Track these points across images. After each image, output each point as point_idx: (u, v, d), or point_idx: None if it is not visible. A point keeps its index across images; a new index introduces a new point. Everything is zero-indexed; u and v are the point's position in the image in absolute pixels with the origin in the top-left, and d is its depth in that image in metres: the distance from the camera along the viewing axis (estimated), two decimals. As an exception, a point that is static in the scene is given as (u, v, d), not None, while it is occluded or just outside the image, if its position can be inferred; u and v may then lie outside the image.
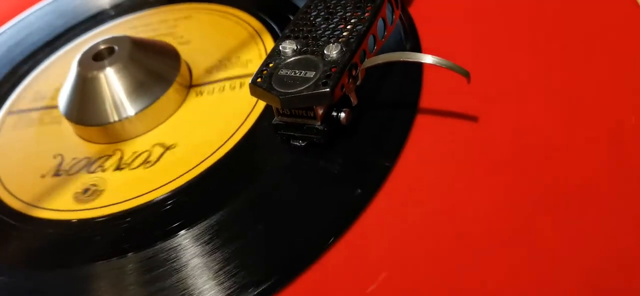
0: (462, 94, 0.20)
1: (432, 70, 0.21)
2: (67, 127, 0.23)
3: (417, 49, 0.22)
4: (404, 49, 0.22)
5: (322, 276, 0.16)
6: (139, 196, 0.20)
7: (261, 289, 0.16)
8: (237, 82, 0.23)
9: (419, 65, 0.21)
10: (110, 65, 0.22)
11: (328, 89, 0.17)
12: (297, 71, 0.18)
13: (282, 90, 0.18)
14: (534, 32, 0.22)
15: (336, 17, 0.20)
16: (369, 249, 0.17)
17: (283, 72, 0.18)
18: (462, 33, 0.23)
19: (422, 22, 0.23)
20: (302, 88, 0.18)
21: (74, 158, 0.22)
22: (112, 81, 0.22)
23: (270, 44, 0.24)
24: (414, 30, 0.23)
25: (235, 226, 0.18)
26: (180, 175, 0.20)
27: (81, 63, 0.22)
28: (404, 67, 0.21)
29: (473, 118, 0.19)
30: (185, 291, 0.17)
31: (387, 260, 0.16)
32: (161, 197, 0.19)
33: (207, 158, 0.20)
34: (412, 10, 0.24)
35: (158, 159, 0.21)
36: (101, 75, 0.22)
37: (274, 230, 0.18)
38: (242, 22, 0.26)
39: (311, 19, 0.20)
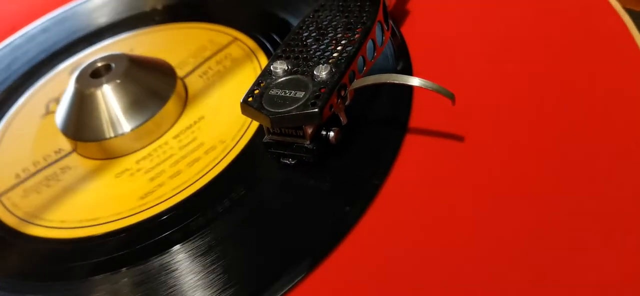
0: (452, 114, 0.20)
1: (422, 90, 0.21)
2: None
3: (409, 68, 0.23)
4: (395, 69, 0.23)
5: (311, 291, 0.17)
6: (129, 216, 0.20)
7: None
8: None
9: (409, 86, 0.21)
10: (107, 82, 0.22)
11: (317, 110, 0.18)
12: (287, 91, 0.19)
13: (272, 110, 0.18)
14: (525, 53, 0.22)
15: (327, 38, 0.20)
16: (358, 266, 0.17)
17: (273, 91, 0.19)
18: (453, 53, 0.23)
19: (414, 42, 0.24)
20: (292, 108, 0.18)
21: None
22: (109, 98, 0.22)
23: (264, 62, 0.25)
24: (405, 51, 0.23)
25: (227, 243, 0.18)
26: (176, 194, 0.20)
27: (79, 80, 0.23)
28: (394, 86, 0.22)
29: (461, 139, 0.19)
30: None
31: (375, 277, 0.17)
32: (157, 213, 0.20)
33: (199, 178, 0.21)
34: (404, 30, 0.25)
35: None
36: (98, 92, 0.22)
37: (263, 247, 0.18)
38: (237, 41, 0.26)
39: (303, 39, 0.21)
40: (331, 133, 0.19)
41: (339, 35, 0.20)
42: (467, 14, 0.25)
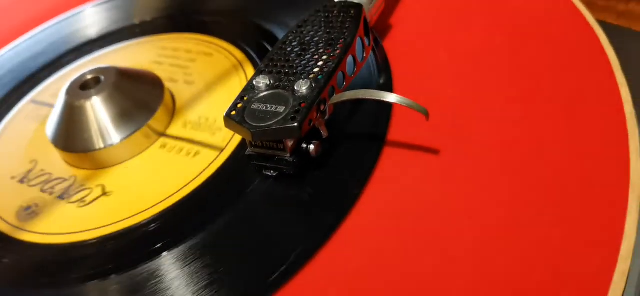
0: (428, 127, 0.21)
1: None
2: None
3: (390, 82, 0.23)
4: (377, 82, 0.23)
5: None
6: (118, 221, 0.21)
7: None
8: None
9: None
10: (96, 94, 0.23)
11: (296, 124, 0.18)
12: (268, 105, 0.19)
13: (254, 124, 0.19)
14: (502, 67, 0.23)
15: (309, 53, 0.21)
16: (337, 272, 0.18)
17: (255, 106, 0.19)
18: (434, 67, 0.24)
19: (396, 55, 0.25)
20: (272, 122, 0.19)
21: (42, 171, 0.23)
22: (98, 110, 0.23)
23: (251, 72, 0.25)
24: (387, 65, 0.24)
25: (212, 250, 0.19)
26: (164, 200, 0.21)
27: (69, 92, 0.23)
28: (373, 101, 0.22)
29: (436, 151, 0.20)
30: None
31: (354, 283, 0.17)
32: (144, 221, 0.21)
33: (185, 186, 0.21)
34: (387, 44, 0.25)
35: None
36: (87, 104, 0.23)
37: (245, 256, 0.19)
38: (225, 52, 0.27)
39: (286, 54, 0.21)
40: (311, 147, 0.20)
41: (321, 51, 0.21)
42: (449, 29, 0.25)
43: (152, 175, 0.22)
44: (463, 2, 0.26)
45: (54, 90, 0.27)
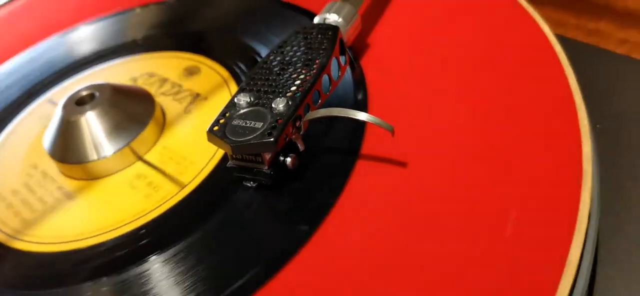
0: (399, 142, 0.22)
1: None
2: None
3: (365, 100, 0.25)
4: (353, 100, 0.25)
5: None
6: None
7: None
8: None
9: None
10: (91, 109, 0.25)
11: (272, 139, 0.20)
12: (248, 121, 0.21)
13: (233, 139, 0.20)
14: (471, 85, 0.24)
15: (287, 73, 0.23)
16: (312, 274, 0.19)
17: (236, 122, 0.21)
18: (408, 84, 0.25)
19: (372, 73, 0.26)
20: (251, 137, 0.20)
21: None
22: (93, 124, 0.25)
23: (235, 89, 0.27)
24: (363, 82, 0.26)
25: (196, 254, 0.20)
26: (153, 210, 0.23)
27: (65, 107, 0.25)
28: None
29: (404, 164, 0.22)
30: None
31: (327, 285, 0.19)
32: (135, 228, 0.22)
33: (174, 196, 0.23)
34: (364, 62, 0.27)
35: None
36: (82, 119, 0.24)
37: (224, 261, 0.20)
38: (212, 70, 0.29)
39: (266, 73, 0.23)
40: (288, 159, 0.21)
41: (298, 70, 0.23)
42: (422, 49, 0.27)
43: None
44: (436, 24, 0.28)
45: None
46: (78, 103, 0.25)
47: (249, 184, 0.22)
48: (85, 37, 0.34)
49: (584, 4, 0.33)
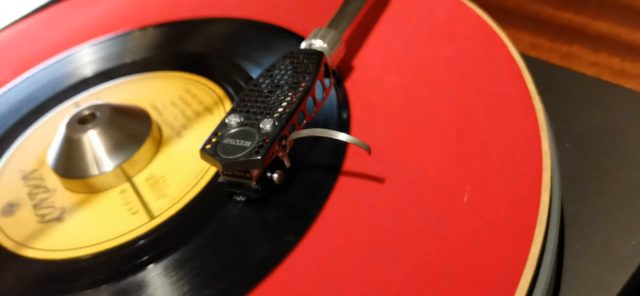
0: (379, 160, 0.24)
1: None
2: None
3: (348, 120, 0.27)
4: (337, 119, 0.27)
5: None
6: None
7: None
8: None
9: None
10: (92, 128, 0.26)
11: (259, 157, 0.22)
12: (237, 140, 0.23)
13: (224, 156, 0.22)
14: (448, 109, 0.26)
15: (275, 95, 0.24)
16: (297, 281, 0.21)
17: (226, 140, 0.23)
18: (390, 105, 0.27)
19: (356, 94, 0.28)
20: (240, 155, 0.22)
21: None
22: (94, 141, 0.26)
23: (229, 107, 0.29)
24: (347, 104, 0.27)
25: (188, 264, 0.22)
26: (149, 221, 0.24)
27: (68, 126, 0.27)
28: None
29: (382, 180, 0.23)
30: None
31: (310, 290, 0.20)
32: (134, 238, 0.24)
33: (170, 208, 0.25)
34: (348, 83, 0.29)
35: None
36: (84, 137, 0.26)
37: (215, 268, 0.22)
38: (208, 89, 0.30)
39: (255, 94, 0.25)
40: (275, 175, 0.23)
41: (285, 92, 0.24)
42: (404, 71, 0.29)
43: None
44: (415, 49, 0.30)
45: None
46: (80, 122, 0.27)
47: (239, 198, 0.23)
48: (82, 59, 0.36)
49: (558, 28, 0.35)
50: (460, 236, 0.21)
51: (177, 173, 0.26)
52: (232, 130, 0.23)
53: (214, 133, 0.23)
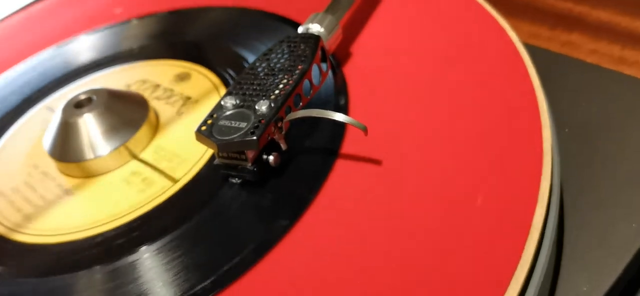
0: (376, 144, 0.24)
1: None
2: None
3: (346, 103, 0.26)
4: (336, 105, 0.27)
5: (250, 285, 0.20)
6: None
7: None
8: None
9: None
10: (88, 112, 0.26)
11: (255, 138, 0.22)
12: (233, 122, 0.23)
13: (219, 137, 0.22)
14: (442, 94, 0.26)
15: (271, 78, 0.24)
16: (290, 264, 0.21)
17: (222, 122, 0.23)
18: (387, 90, 0.27)
19: (354, 79, 0.28)
20: (235, 136, 0.22)
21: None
22: (90, 125, 0.26)
23: (225, 94, 0.29)
24: (345, 88, 0.27)
25: (182, 246, 0.22)
26: (145, 204, 0.24)
27: (65, 110, 0.27)
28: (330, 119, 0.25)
29: (380, 162, 0.23)
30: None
31: (305, 274, 0.20)
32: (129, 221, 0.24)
33: (165, 192, 0.24)
34: (346, 69, 0.28)
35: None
36: (80, 120, 0.26)
37: (209, 250, 0.22)
38: (204, 76, 0.30)
39: (252, 77, 0.25)
40: (271, 158, 0.23)
41: (281, 76, 0.24)
42: (403, 58, 0.29)
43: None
44: (415, 35, 0.30)
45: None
46: (76, 106, 0.27)
47: (234, 180, 0.23)
48: (81, 47, 0.36)
49: (558, 17, 0.35)
50: (458, 221, 0.20)
51: (174, 158, 0.26)
52: (228, 112, 0.23)
53: (210, 115, 0.23)
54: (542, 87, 0.25)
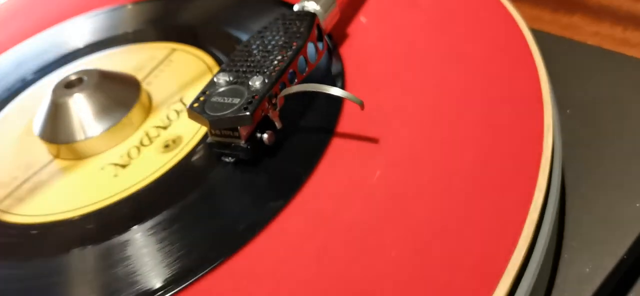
0: (372, 124, 0.23)
1: (351, 102, 0.24)
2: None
3: (342, 83, 0.26)
4: (332, 84, 0.26)
5: (245, 263, 0.20)
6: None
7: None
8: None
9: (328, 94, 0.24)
10: (79, 91, 0.26)
11: (248, 113, 0.21)
12: (226, 98, 0.22)
13: (211, 113, 0.21)
14: (443, 75, 0.25)
15: (265, 55, 0.24)
16: (284, 242, 0.20)
17: (215, 99, 0.22)
18: (383, 70, 0.26)
19: (351, 59, 0.27)
20: (228, 111, 0.21)
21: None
22: (80, 105, 0.26)
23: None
24: (342, 68, 0.27)
25: (173, 226, 0.21)
26: (136, 183, 0.24)
27: (55, 91, 0.26)
28: (328, 98, 0.25)
29: (376, 141, 0.23)
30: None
31: (296, 252, 0.20)
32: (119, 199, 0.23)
33: (157, 170, 0.24)
34: (343, 49, 0.28)
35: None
36: (70, 101, 0.26)
37: (201, 230, 0.21)
38: (198, 59, 0.30)
39: (245, 55, 0.24)
40: (265, 136, 0.22)
41: (276, 52, 0.24)
42: (399, 38, 0.28)
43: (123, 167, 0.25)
44: (415, 16, 0.29)
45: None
46: (67, 86, 0.26)
47: (227, 159, 0.23)
48: (77, 30, 0.36)
49: (559, 1, 0.34)
50: (458, 200, 0.20)
51: (166, 139, 0.25)
52: (221, 89, 0.22)
53: (203, 92, 0.23)
54: (544, 67, 0.24)
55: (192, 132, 0.25)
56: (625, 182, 0.24)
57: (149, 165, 0.24)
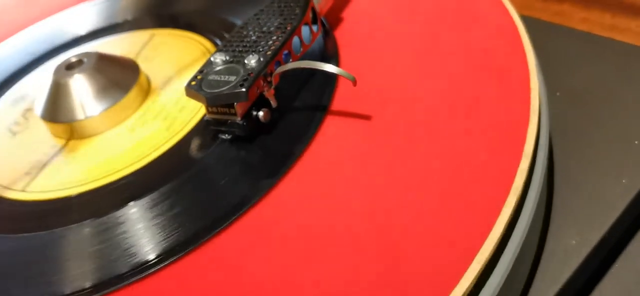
0: (366, 103, 0.24)
1: (346, 81, 0.25)
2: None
3: (336, 64, 0.27)
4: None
5: (234, 236, 0.20)
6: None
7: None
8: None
9: (334, 77, 0.25)
10: (79, 73, 0.26)
11: (244, 89, 0.22)
12: (222, 76, 0.23)
13: (208, 91, 0.22)
14: (434, 60, 0.26)
15: (261, 35, 0.24)
16: (277, 216, 0.21)
17: (211, 77, 0.23)
18: (378, 52, 0.27)
19: (346, 42, 0.28)
20: (224, 88, 0.22)
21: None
22: (80, 86, 0.26)
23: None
24: (336, 50, 0.27)
25: (172, 199, 0.22)
26: (136, 162, 0.24)
27: (56, 72, 0.27)
28: (323, 78, 0.25)
29: (368, 118, 0.23)
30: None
31: (288, 225, 0.20)
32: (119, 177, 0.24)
33: (157, 149, 0.25)
34: (338, 33, 0.29)
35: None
36: (71, 81, 0.26)
37: (197, 206, 0.22)
38: (197, 43, 0.30)
39: (242, 36, 0.25)
40: (261, 113, 0.23)
41: (271, 33, 0.24)
42: (393, 22, 0.29)
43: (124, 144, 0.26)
44: (407, 2, 0.30)
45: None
46: (68, 68, 0.27)
47: (224, 136, 0.23)
48: (78, 17, 0.36)
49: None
50: (446, 175, 0.20)
51: (165, 120, 0.26)
52: (218, 68, 0.23)
53: (200, 71, 0.23)
54: (533, 51, 0.25)
55: (192, 112, 0.26)
56: (612, 159, 0.24)
57: (148, 143, 0.25)
